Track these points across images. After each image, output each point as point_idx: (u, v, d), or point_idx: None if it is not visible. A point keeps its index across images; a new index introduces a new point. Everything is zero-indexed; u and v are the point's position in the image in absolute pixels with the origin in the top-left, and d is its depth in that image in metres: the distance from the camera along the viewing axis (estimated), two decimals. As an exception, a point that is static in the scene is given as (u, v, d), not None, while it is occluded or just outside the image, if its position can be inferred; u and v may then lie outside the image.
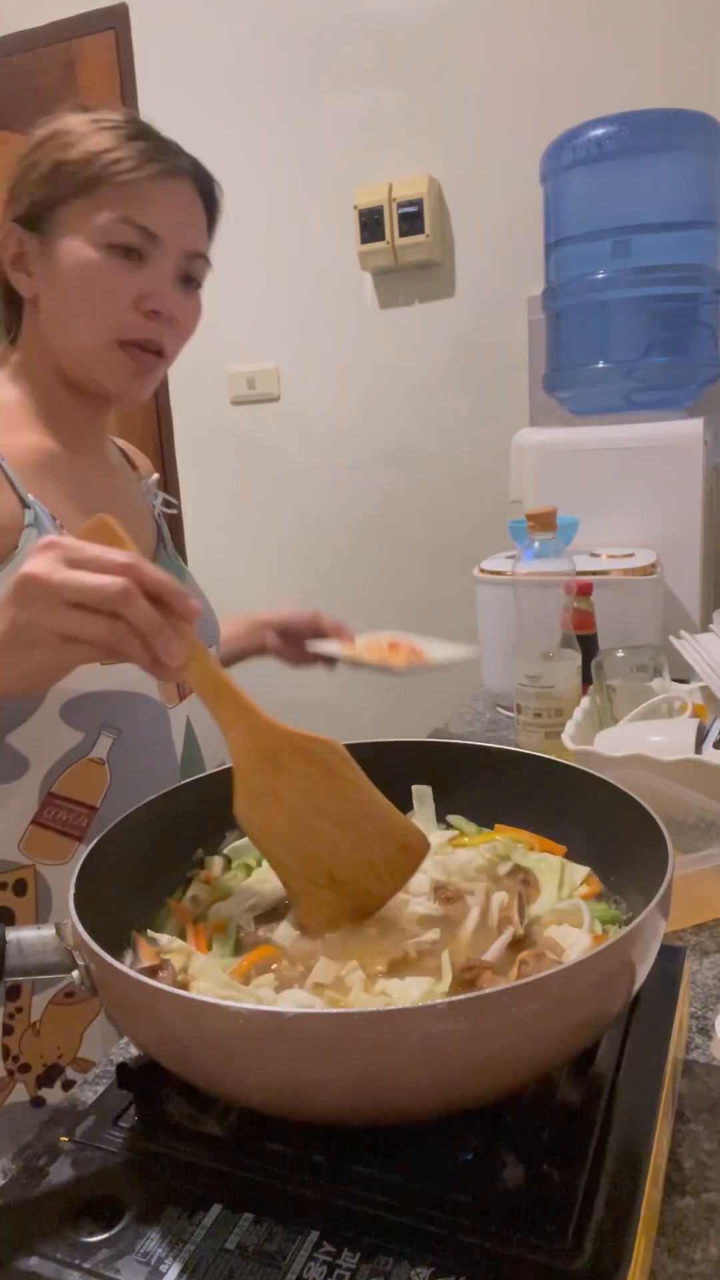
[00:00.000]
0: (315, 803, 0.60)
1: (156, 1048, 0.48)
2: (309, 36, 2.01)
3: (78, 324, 0.86)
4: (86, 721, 0.84)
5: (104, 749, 0.85)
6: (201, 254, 0.91)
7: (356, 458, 2.19)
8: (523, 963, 0.53)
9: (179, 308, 0.88)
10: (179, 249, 0.87)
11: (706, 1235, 0.48)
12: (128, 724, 0.86)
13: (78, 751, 0.84)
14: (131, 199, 0.83)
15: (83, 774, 0.85)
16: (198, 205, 0.90)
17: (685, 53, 1.73)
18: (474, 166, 1.94)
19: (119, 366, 0.87)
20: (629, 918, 0.59)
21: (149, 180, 0.84)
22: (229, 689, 0.59)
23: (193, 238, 0.89)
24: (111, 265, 0.84)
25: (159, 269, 0.86)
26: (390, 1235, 0.42)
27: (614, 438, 1.49)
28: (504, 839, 0.68)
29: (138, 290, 0.85)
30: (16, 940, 0.51)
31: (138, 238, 0.84)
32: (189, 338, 0.93)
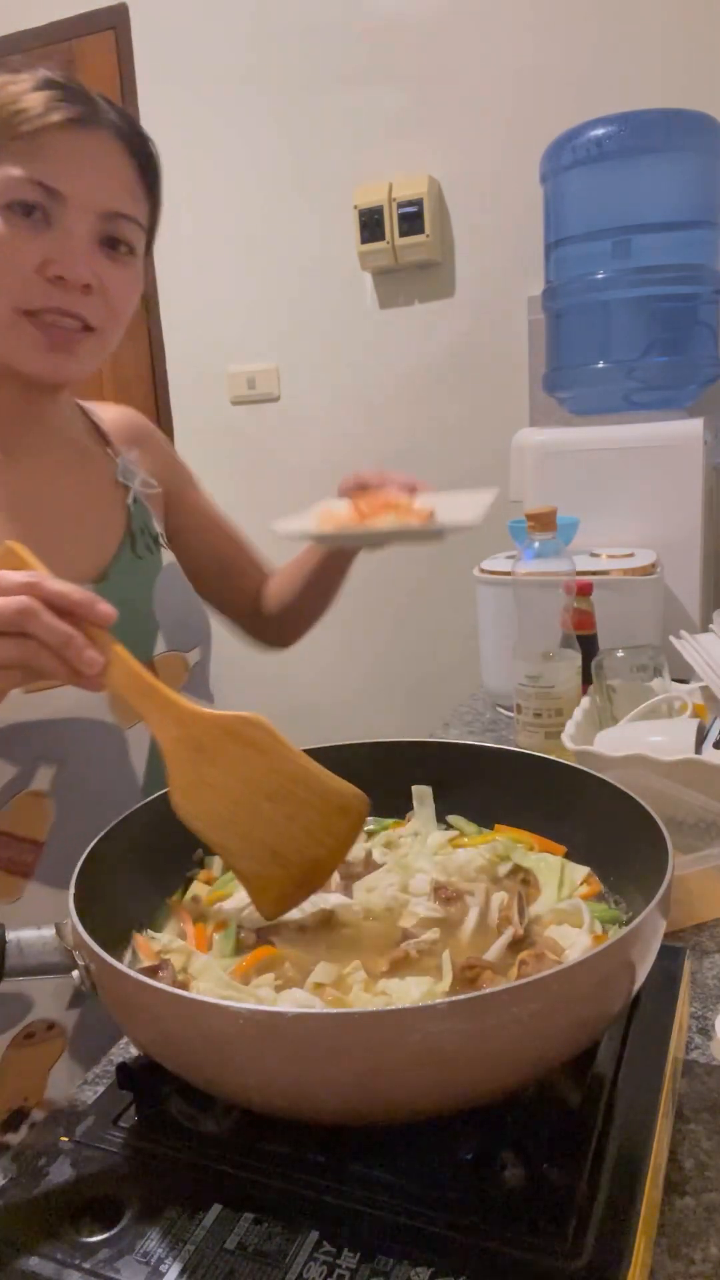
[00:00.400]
0: (248, 781, 0.59)
1: (156, 1048, 0.48)
2: (309, 36, 2.01)
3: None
4: (20, 754, 0.78)
5: (45, 780, 0.80)
6: (126, 215, 0.80)
7: (356, 458, 2.19)
8: (523, 963, 0.53)
9: (101, 275, 0.79)
10: (93, 208, 0.77)
11: (706, 1235, 0.48)
12: (72, 752, 0.80)
13: (14, 786, 0.79)
14: (33, 153, 0.75)
15: (24, 808, 0.79)
16: (122, 161, 0.80)
17: (685, 53, 1.73)
18: (474, 166, 1.94)
19: (28, 341, 0.78)
20: (629, 918, 0.59)
21: (53, 131, 0.75)
22: (150, 687, 0.58)
23: (111, 196, 0.79)
24: (10, 228, 0.75)
25: (67, 231, 0.76)
26: (390, 1235, 0.42)
27: (614, 438, 1.49)
28: (504, 839, 0.68)
29: (41, 255, 0.76)
30: (16, 940, 0.51)
31: (38, 195, 0.75)
32: (125, 311, 0.84)
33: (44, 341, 0.78)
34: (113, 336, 0.83)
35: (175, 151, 2.20)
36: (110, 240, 0.80)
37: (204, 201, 2.16)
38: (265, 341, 2.21)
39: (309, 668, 2.36)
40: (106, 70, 2.21)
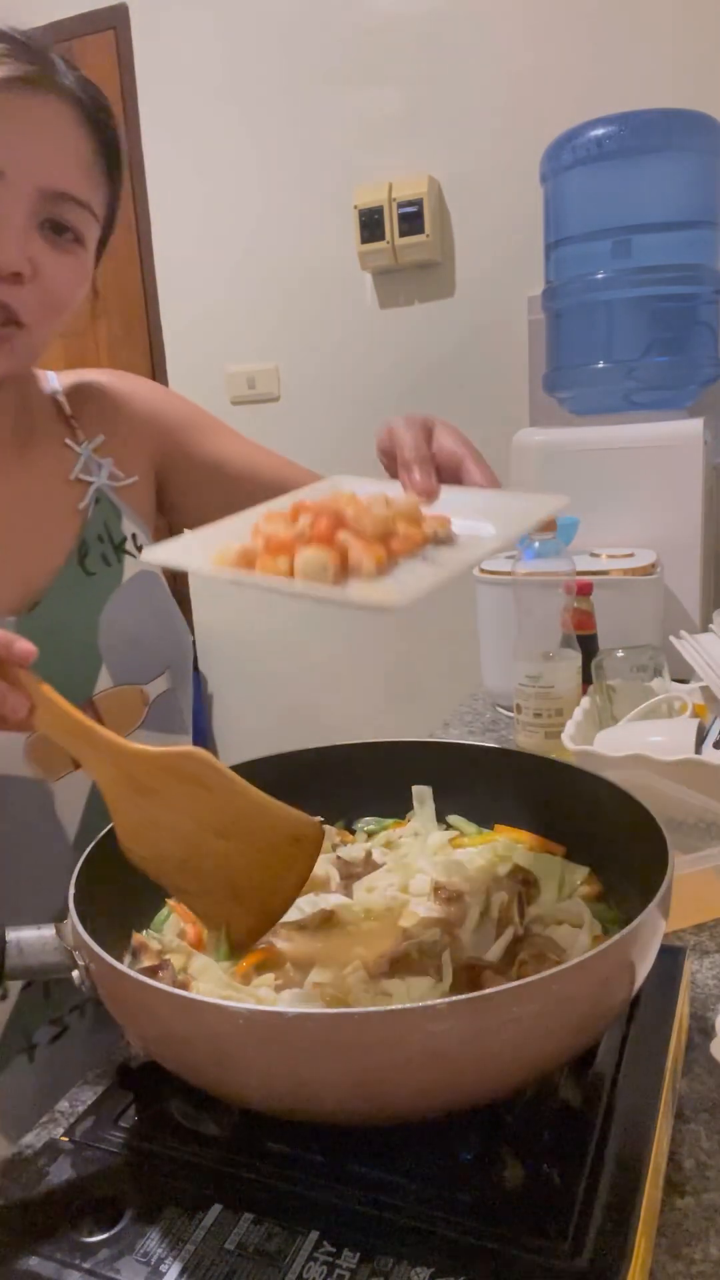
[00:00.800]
0: (196, 819, 0.57)
1: (156, 1048, 0.48)
2: (309, 36, 2.01)
3: None
4: None
5: None
6: (73, 196, 0.68)
7: (356, 458, 2.19)
8: (522, 963, 0.53)
9: (37, 261, 0.67)
10: (32, 185, 0.65)
11: (706, 1235, 0.48)
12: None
13: None
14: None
15: None
16: (74, 134, 0.68)
17: (685, 53, 1.73)
18: (474, 166, 1.94)
19: None
20: (629, 918, 0.59)
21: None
22: (82, 727, 0.54)
23: (56, 172, 0.67)
24: None
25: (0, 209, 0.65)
26: (390, 1235, 0.42)
27: (614, 438, 1.49)
28: (504, 840, 0.68)
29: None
30: (16, 940, 0.51)
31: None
32: (64, 306, 0.71)
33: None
34: (45, 333, 0.71)
35: (175, 151, 2.21)
36: (53, 224, 0.68)
37: (204, 201, 2.16)
38: (265, 341, 2.21)
39: (309, 668, 2.36)
40: (106, 70, 2.21)
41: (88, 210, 0.70)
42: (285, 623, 2.32)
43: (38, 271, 0.67)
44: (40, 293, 0.68)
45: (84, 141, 0.69)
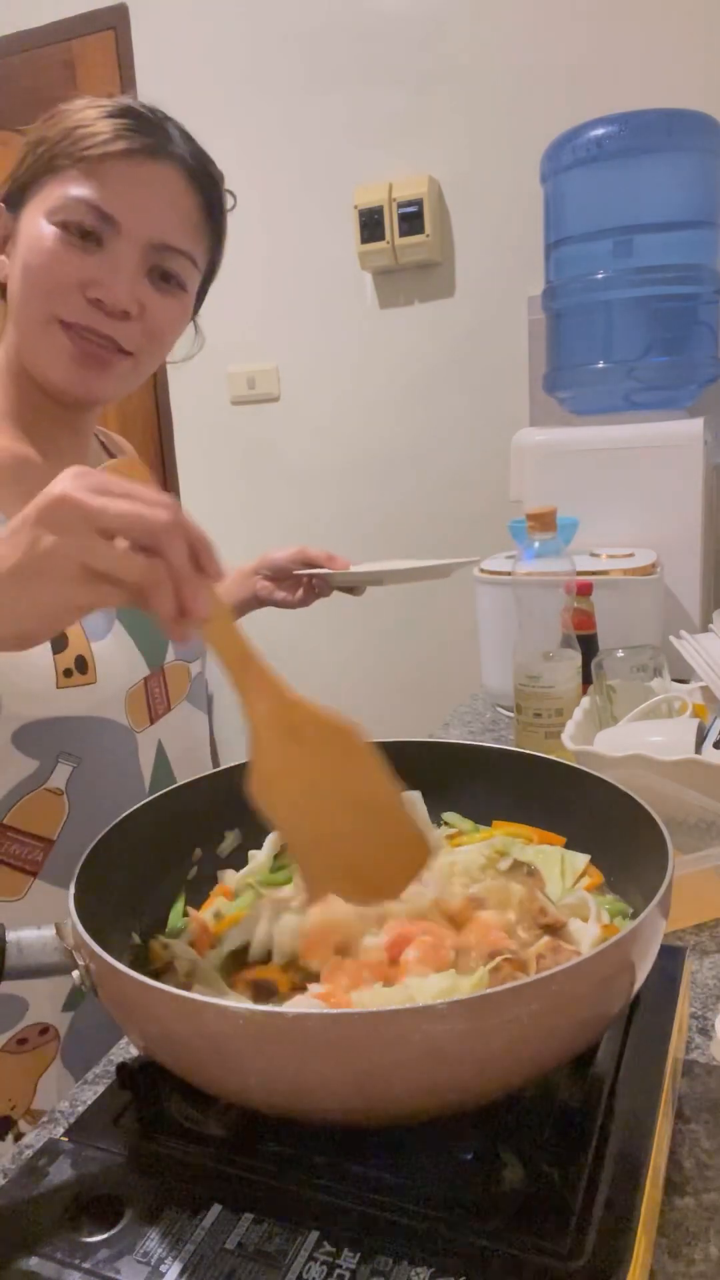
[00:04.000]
0: (335, 783, 0.56)
1: (156, 1047, 0.48)
2: (309, 36, 2.01)
3: (23, 303, 0.78)
4: (43, 749, 0.78)
5: (62, 778, 0.79)
6: (177, 248, 0.81)
7: (356, 458, 2.19)
8: (540, 957, 0.52)
9: (144, 302, 0.80)
10: (144, 238, 0.78)
11: (706, 1235, 0.48)
12: (90, 751, 0.80)
13: (33, 780, 0.78)
14: (93, 177, 0.76)
15: (39, 805, 0.79)
16: (183, 194, 0.81)
17: (685, 53, 1.73)
18: (474, 166, 1.94)
19: (58, 349, 0.78)
20: (635, 907, 0.59)
21: (117, 158, 0.76)
22: (251, 656, 0.55)
23: (166, 228, 0.80)
24: (61, 245, 0.76)
25: (115, 256, 0.77)
26: (390, 1235, 0.42)
27: (614, 438, 1.49)
28: (502, 835, 0.68)
29: (86, 274, 0.77)
30: (16, 940, 0.51)
31: (91, 219, 0.76)
32: (166, 341, 0.85)
33: (75, 353, 0.79)
34: (149, 363, 0.84)
35: (175, 151, 2.20)
36: (160, 272, 0.81)
37: (204, 201, 2.16)
38: (265, 341, 2.21)
39: (309, 667, 2.36)
40: (106, 70, 2.21)
41: (190, 260, 0.83)
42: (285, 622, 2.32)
43: (144, 311, 0.80)
44: (145, 328, 0.81)
45: (190, 201, 0.82)
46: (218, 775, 0.68)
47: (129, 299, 0.78)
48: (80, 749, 0.80)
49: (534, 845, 0.67)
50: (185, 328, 0.87)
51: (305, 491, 2.26)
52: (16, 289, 0.79)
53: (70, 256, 0.77)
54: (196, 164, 0.82)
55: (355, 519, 2.22)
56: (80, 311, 0.77)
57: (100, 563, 0.48)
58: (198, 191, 0.82)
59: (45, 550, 0.49)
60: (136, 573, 0.49)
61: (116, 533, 0.49)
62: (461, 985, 0.51)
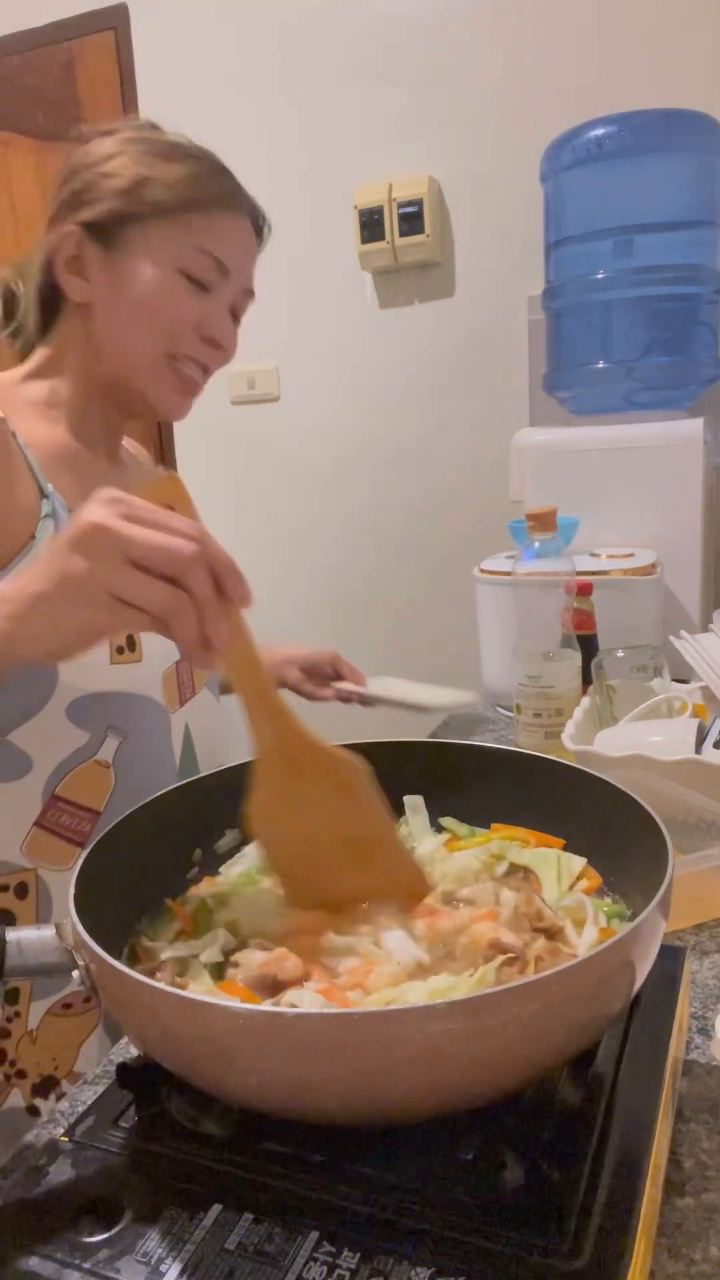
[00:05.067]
0: (332, 820, 0.58)
1: (156, 1048, 0.48)
2: (309, 36, 2.01)
3: (137, 337, 0.87)
4: (93, 722, 0.82)
5: (110, 751, 0.83)
6: (252, 290, 0.95)
7: (357, 458, 2.19)
8: (539, 959, 0.52)
9: (231, 338, 0.93)
10: (240, 284, 0.92)
11: (706, 1235, 0.48)
12: (134, 727, 0.85)
13: (84, 753, 0.82)
14: (210, 231, 0.87)
15: (87, 776, 0.83)
16: (253, 243, 0.95)
17: (685, 53, 1.73)
18: (474, 166, 1.94)
19: (167, 383, 0.89)
20: (633, 910, 0.59)
21: (226, 215, 0.89)
22: (267, 688, 0.56)
23: (249, 274, 0.95)
24: (180, 290, 0.86)
25: (220, 299, 0.90)
26: (390, 1235, 0.42)
27: (614, 438, 1.49)
28: (499, 839, 0.68)
29: (199, 315, 0.88)
30: (17, 940, 0.51)
31: (211, 270, 0.87)
32: (229, 362, 0.96)
33: (179, 386, 0.90)
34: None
35: (175, 151, 2.20)
36: (234, 312, 0.93)
37: (204, 201, 2.15)
38: (265, 341, 2.21)
39: (309, 668, 2.36)
40: (106, 70, 2.21)
41: (253, 296, 0.97)
42: (285, 623, 2.32)
43: (229, 345, 0.93)
44: (223, 358, 0.93)
45: (255, 246, 0.96)
46: (217, 775, 0.68)
47: (231, 338, 0.92)
48: (126, 724, 0.84)
49: (531, 849, 0.67)
50: None
51: (305, 491, 2.26)
52: (122, 320, 0.87)
53: (190, 301, 0.87)
54: (254, 211, 0.95)
55: (355, 519, 2.22)
56: (193, 346, 0.89)
57: (127, 591, 0.51)
58: (256, 236, 0.96)
59: (76, 575, 0.52)
60: (159, 602, 0.51)
61: (143, 562, 0.51)
62: (460, 986, 0.51)
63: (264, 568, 2.33)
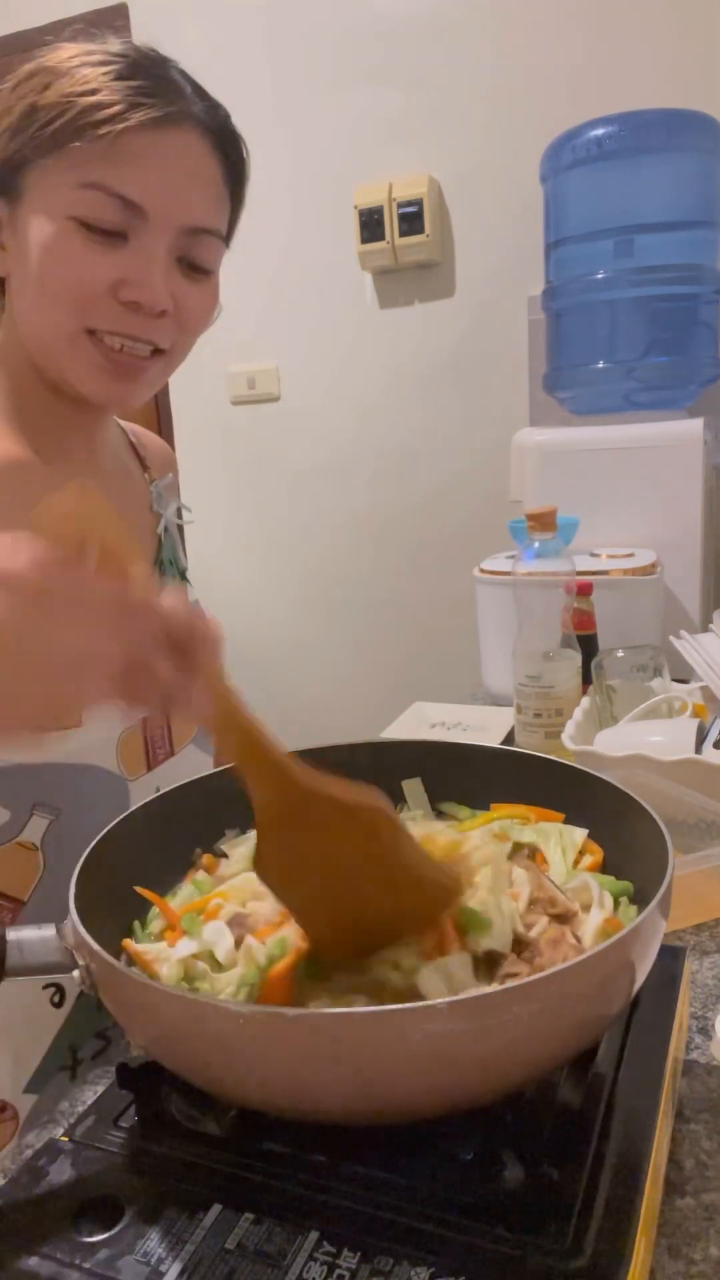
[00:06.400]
0: (351, 861, 0.52)
1: (156, 1047, 0.48)
2: (309, 36, 2.01)
3: (43, 311, 0.69)
4: (15, 798, 0.70)
5: (37, 832, 0.71)
6: (208, 229, 0.71)
7: (357, 458, 2.19)
8: (538, 953, 0.52)
9: (178, 297, 0.71)
10: (174, 224, 0.68)
11: (706, 1235, 0.48)
12: (70, 802, 0.72)
13: (2, 833, 0.70)
14: (109, 159, 0.64)
15: (8, 860, 0.71)
16: (207, 164, 0.70)
17: (685, 53, 1.73)
18: (474, 166, 1.94)
19: (89, 363, 0.70)
20: (641, 887, 0.59)
21: (135, 133, 0.64)
22: (257, 741, 0.48)
23: (195, 209, 0.69)
24: (81, 243, 0.66)
25: (145, 249, 0.67)
26: (390, 1235, 0.42)
27: (614, 438, 1.49)
28: (500, 820, 0.68)
29: (115, 275, 0.67)
30: (17, 940, 0.51)
31: (115, 211, 0.65)
32: (198, 330, 0.76)
33: (106, 366, 0.71)
34: (180, 357, 0.77)
35: (175, 151, 2.20)
36: (189, 261, 0.72)
37: (204, 201, 2.15)
38: (265, 341, 2.21)
39: (309, 668, 2.36)
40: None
41: (219, 238, 0.73)
42: (285, 623, 2.32)
43: (178, 305, 0.71)
44: (179, 322, 0.72)
45: (213, 168, 0.71)
46: (217, 775, 0.68)
47: (166, 296, 0.69)
48: (59, 799, 0.72)
49: (532, 825, 0.66)
50: (216, 309, 0.78)
51: (305, 491, 2.26)
52: (30, 294, 0.69)
53: (95, 258, 0.67)
54: (214, 122, 0.71)
55: (355, 519, 2.22)
56: (114, 318, 0.69)
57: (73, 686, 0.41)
58: (219, 155, 0.72)
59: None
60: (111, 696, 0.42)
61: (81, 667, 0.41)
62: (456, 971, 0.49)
63: (263, 568, 2.33)
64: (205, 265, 0.73)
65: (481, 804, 0.71)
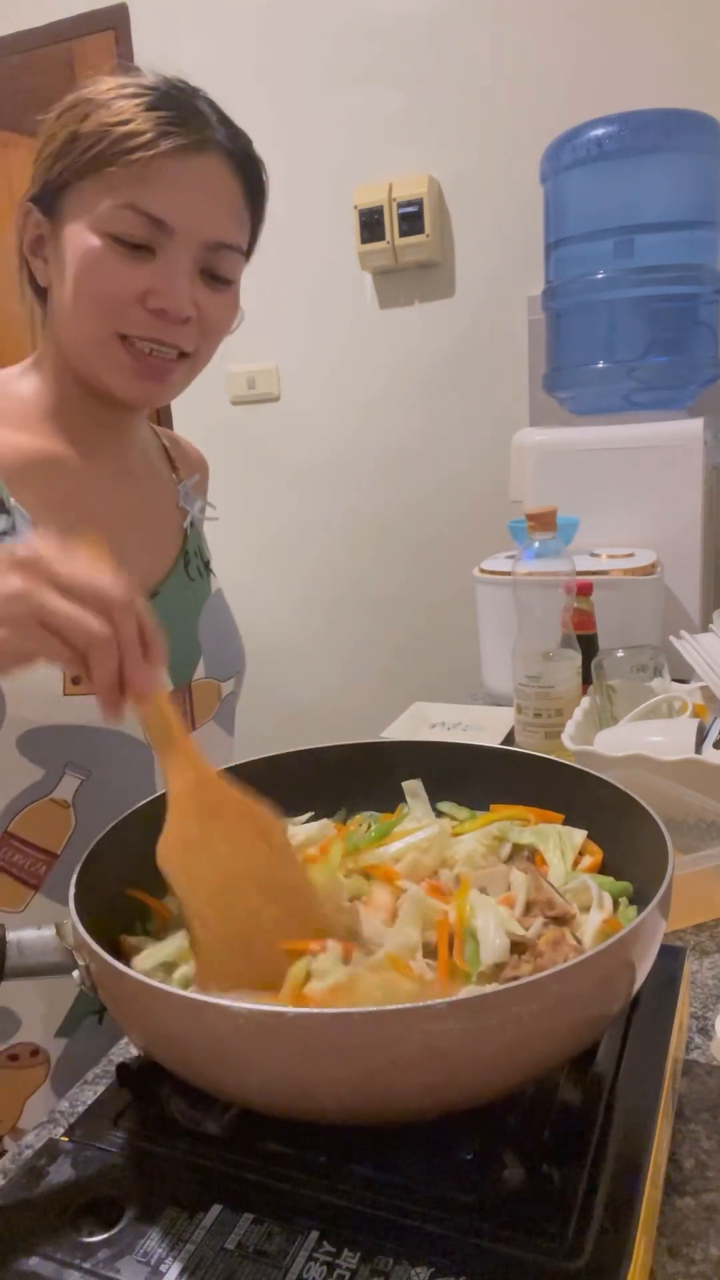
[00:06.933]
0: (246, 864, 0.56)
1: (156, 1047, 0.48)
2: (309, 36, 2.01)
3: (78, 318, 0.77)
4: (48, 757, 0.76)
5: (69, 790, 0.77)
6: (228, 244, 0.79)
7: (356, 458, 2.19)
8: (538, 955, 0.52)
9: (201, 305, 0.79)
10: (198, 240, 0.76)
11: (706, 1235, 0.48)
12: (100, 764, 0.78)
13: (37, 790, 0.76)
14: (140, 182, 0.73)
15: (43, 815, 0.77)
16: (229, 186, 0.79)
17: (685, 53, 1.73)
18: (474, 166, 1.94)
19: (119, 365, 0.78)
20: (640, 888, 0.59)
21: (164, 159, 0.73)
22: (180, 735, 0.56)
23: (217, 226, 0.78)
24: (114, 257, 0.74)
25: (170, 263, 0.76)
26: (390, 1235, 0.42)
27: (614, 438, 1.49)
28: (500, 821, 0.68)
29: (143, 286, 0.75)
30: (16, 940, 0.51)
31: (144, 228, 0.74)
32: (220, 335, 0.84)
33: (136, 367, 0.78)
34: (204, 360, 0.84)
35: (175, 151, 2.20)
36: (211, 274, 0.79)
37: (204, 201, 2.15)
38: (265, 341, 2.21)
39: (309, 668, 2.36)
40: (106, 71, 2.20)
41: (239, 253, 0.82)
42: (285, 623, 2.32)
43: (200, 313, 0.79)
44: (202, 328, 0.80)
45: (234, 189, 0.80)
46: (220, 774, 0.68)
47: (189, 304, 0.77)
48: (90, 761, 0.78)
49: (532, 827, 0.66)
50: (237, 317, 0.86)
51: (305, 491, 2.26)
52: (68, 302, 0.77)
53: (125, 269, 0.75)
54: (236, 148, 0.80)
55: (355, 519, 2.22)
56: (142, 324, 0.76)
57: (55, 617, 0.50)
58: (240, 178, 0.81)
59: (5, 594, 0.51)
60: (84, 632, 0.50)
61: (75, 596, 0.51)
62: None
63: (263, 568, 2.33)
64: (226, 276, 0.81)
65: (481, 804, 0.71)
